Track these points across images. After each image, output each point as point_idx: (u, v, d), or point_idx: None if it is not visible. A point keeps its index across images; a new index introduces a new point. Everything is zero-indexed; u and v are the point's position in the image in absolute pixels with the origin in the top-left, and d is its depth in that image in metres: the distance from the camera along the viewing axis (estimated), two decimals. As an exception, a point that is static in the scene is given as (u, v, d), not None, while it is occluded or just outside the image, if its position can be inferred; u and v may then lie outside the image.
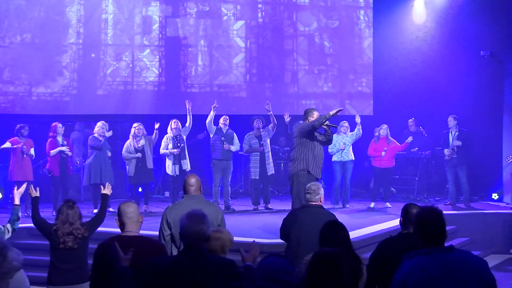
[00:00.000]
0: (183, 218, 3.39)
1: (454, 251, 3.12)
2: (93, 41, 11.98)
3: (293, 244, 5.13)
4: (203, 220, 3.39)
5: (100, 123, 9.99)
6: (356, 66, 12.88)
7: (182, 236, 3.37)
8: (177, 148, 9.97)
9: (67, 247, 5.02)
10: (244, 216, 9.68)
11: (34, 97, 11.64)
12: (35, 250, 7.61)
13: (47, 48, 11.68)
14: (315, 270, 2.92)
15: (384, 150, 10.66)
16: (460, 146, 10.47)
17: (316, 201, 5.24)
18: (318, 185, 5.36)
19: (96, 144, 9.80)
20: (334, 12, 12.84)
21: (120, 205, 4.11)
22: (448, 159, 10.61)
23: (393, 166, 10.94)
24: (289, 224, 5.24)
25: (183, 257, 3.32)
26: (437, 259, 3.05)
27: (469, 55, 11.86)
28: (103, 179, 9.41)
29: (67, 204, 5.15)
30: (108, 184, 5.64)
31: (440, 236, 3.14)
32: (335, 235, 3.87)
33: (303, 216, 5.18)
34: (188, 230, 3.33)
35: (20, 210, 5.35)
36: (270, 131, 10.21)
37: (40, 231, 5.27)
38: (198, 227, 3.34)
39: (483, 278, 3.06)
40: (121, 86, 12.12)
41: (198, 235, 3.34)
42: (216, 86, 12.39)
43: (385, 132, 10.74)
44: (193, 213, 3.42)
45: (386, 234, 7.82)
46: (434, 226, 3.14)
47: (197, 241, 3.33)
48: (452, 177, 10.68)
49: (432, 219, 3.16)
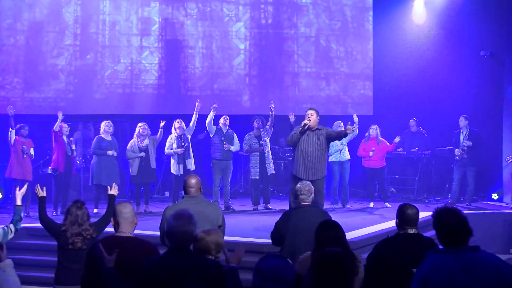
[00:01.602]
0: (170, 219, 3.39)
1: (478, 251, 3.07)
2: (91, 43, 11.82)
3: (288, 246, 5.07)
4: (190, 220, 3.38)
5: (104, 122, 10.01)
6: (356, 66, 12.87)
7: (168, 236, 3.37)
8: (182, 148, 9.99)
9: (76, 248, 5.03)
10: (244, 216, 9.68)
11: (26, 102, 11.43)
12: (35, 250, 7.61)
13: (42, 50, 11.54)
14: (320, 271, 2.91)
15: (372, 150, 10.66)
16: (470, 146, 10.48)
17: (309, 201, 5.24)
18: (308, 185, 5.32)
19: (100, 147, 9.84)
20: (334, 14, 12.83)
21: (117, 205, 4.12)
22: (458, 159, 10.61)
23: (384, 166, 10.90)
24: (283, 226, 5.17)
25: (170, 257, 3.32)
26: (461, 258, 3.00)
27: (469, 55, 11.87)
28: (107, 179, 9.40)
29: (76, 205, 5.15)
30: (115, 185, 5.64)
31: (463, 236, 3.08)
32: (330, 234, 3.85)
33: (298, 217, 5.14)
34: (175, 230, 3.32)
35: (22, 210, 5.35)
36: (268, 130, 10.21)
37: (48, 232, 5.27)
38: (185, 227, 3.33)
39: (506, 281, 3.00)
40: (119, 89, 11.97)
41: (185, 236, 3.33)
42: (216, 87, 12.34)
43: (375, 132, 10.74)
44: (180, 214, 3.42)
45: (385, 234, 7.81)
46: (456, 227, 3.09)
47: (183, 242, 3.33)
48: (459, 177, 10.68)
49: (452, 219, 3.11)
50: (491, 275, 2.98)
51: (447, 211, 3.17)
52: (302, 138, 7.76)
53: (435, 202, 11.14)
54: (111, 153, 9.87)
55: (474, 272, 2.97)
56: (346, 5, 12.91)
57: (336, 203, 10.56)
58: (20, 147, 9.60)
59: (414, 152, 11.62)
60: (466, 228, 3.11)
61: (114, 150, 9.98)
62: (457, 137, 10.77)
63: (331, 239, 3.79)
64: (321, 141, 7.80)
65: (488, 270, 2.99)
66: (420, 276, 3.01)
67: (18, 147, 9.62)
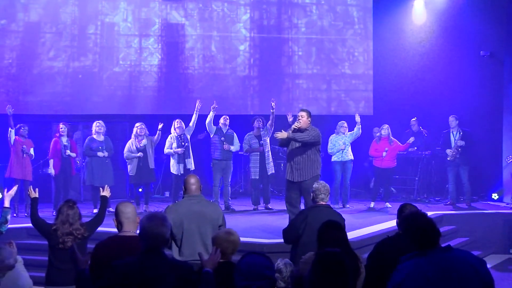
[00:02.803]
0: (143, 220, 3.39)
1: (451, 251, 3.09)
2: (89, 44, 11.70)
3: (303, 245, 5.03)
4: (163, 222, 3.37)
5: (95, 123, 10.00)
6: (357, 66, 12.87)
7: (141, 237, 3.37)
8: (181, 148, 9.99)
9: (67, 247, 5.02)
10: (244, 216, 9.69)
11: (23, 104, 11.20)
12: (35, 250, 7.62)
13: (37, 51, 11.39)
14: (321, 271, 2.91)
15: (386, 150, 10.65)
16: (463, 146, 10.49)
17: (327, 201, 5.29)
18: (324, 185, 5.35)
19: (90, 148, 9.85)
20: (334, 14, 12.82)
21: (118, 205, 4.12)
22: (451, 160, 10.61)
23: (395, 166, 10.92)
24: (300, 225, 5.17)
25: (142, 258, 3.31)
26: (434, 260, 3.01)
27: (469, 55, 11.87)
28: (102, 180, 9.41)
29: (68, 204, 5.16)
30: (107, 187, 5.67)
31: (434, 238, 3.10)
32: (332, 235, 3.87)
33: (314, 216, 5.13)
34: (148, 232, 3.32)
35: (9, 212, 5.30)
36: (269, 129, 10.21)
37: (39, 231, 5.27)
38: (158, 229, 3.33)
39: (481, 278, 3.03)
40: (119, 91, 11.87)
41: (158, 237, 3.32)
42: (217, 88, 12.30)
43: (386, 132, 10.73)
44: (154, 215, 3.42)
45: (385, 234, 7.80)
46: (424, 230, 3.10)
47: (156, 243, 3.32)
48: (453, 177, 10.69)
49: (419, 222, 3.12)
50: (466, 274, 2.99)
51: (413, 215, 3.20)
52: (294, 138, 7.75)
53: (435, 202, 11.16)
54: (102, 155, 9.86)
55: (449, 273, 2.97)
56: (347, 5, 12.90)
57: (337, 203, 10.55)
58: (20, 147, 9.60)
59: (414, 152, 11.61)
60: (434, 228, 3.12)
61: (108, 150, 9.97)
62: (447, 137, 10.76)
63: (333, 239, 3.80)
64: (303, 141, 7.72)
65: (462, 269, 3.00)
66: (396, 281, 3.01)
67: (18, 147, 9.61)
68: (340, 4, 12.86)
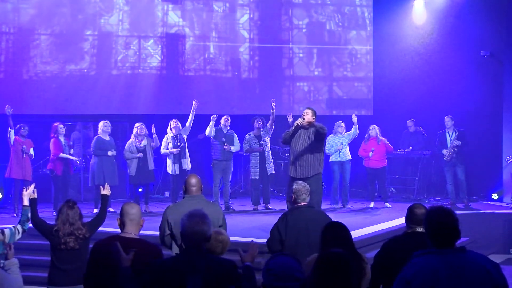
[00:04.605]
0: (184, 218, 3.38)
1: (466, 252, 3.04)
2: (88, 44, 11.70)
3: (289, 248, 4.90)
4: (204, 220, 3.37)
5: (102, 122, 9.99)
6: (357, 66, 12.88)
7: (182, 236, 3.36)
8: (177, 148, 9.98)
9: (69, 248, 5.02)
10: (244, 216, 9.68)
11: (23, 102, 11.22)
12: (35, 250, 7.60)
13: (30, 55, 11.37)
14: (323, 271, 2.90)
15: (372, 150, 10.65)
16: (459, 145, 10.52)
17: (307, 201, 5.14)
18: (306, 185, 5.21)
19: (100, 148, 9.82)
20: (334, 13, 12.82)
21: (124, 205, 4.09)
22: (448, 160, 10.61)
23: (385, 166, 10.89)
24: (282, 229, 5.01)
25: (183, 257, 3.31)
26: (447, 259, 2.97)
27: (469, 55, 11.87)
28: (107, 179, 9.40)
29: (68, 204, 5.15)
30: (107, 185, 5.66)
31: (451, 237, 3.04)
32: (337, 235, 3.84)
33: (296, 218, 5.03)
34: (188, 230, 3.32)
35: (29, 211, 5.31)
36: (269, 129, 10.20)
37: (40, 232, 5.26)
38: (198, 227, 3.33)
39: (494, 281, 2.97)
40: (118, 92, 11.84)
41: (198, 235, 3.32)
42: (216, 88, 12.30)
43: (374, 132, 10.72)
44: (194, 213, 3.41)
45: (385, 234, 7.84)
46: (444, 227, 3.03)
47: (197, 241, 3.32)
48: (451, 178, 10.71)
49: (442, 218, 3.06)
50: (478, 277, 2.94)
51: (441, 210, 3.12)
52: (295, 137, 7.74)
53: (435, 202, 11.14)
54: (111, 154, 9.87)
55: (460, 274, 2.93)
56: (347, 6, 12.90)
57: (337, 203, 10.55)
58: (20, 147, 9.59)
59: (414, 152, 11.61)
60: (455, 228, 3.06)
61: (113, 149, 9.98)
62: (443, 137, 10.77)
63: (337, 239, 3.77)
64: (311, 139, 7.69)
65: (474, 271, 2.95)
66: (405, 276, 2.98)
67: (18, 147, 9.61)
68: (341, 4, 12.86)
